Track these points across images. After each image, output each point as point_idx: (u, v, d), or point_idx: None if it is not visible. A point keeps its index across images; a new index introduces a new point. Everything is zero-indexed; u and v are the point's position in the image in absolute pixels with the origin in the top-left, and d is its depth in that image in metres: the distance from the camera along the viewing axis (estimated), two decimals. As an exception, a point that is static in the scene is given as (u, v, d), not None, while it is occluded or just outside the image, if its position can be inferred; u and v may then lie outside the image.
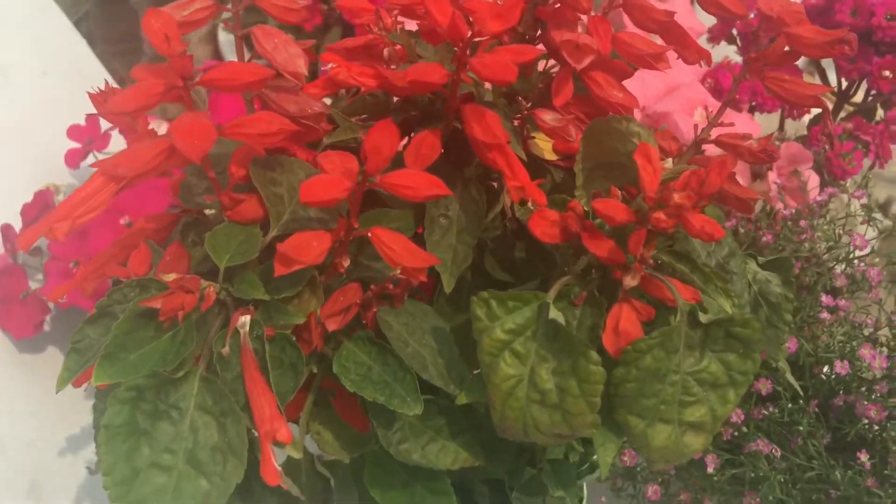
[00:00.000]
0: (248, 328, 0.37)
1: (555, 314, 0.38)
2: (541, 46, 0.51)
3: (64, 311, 0.86)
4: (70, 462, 0.83)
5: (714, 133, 0.46)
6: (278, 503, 0.44)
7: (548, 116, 0.45)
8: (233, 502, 0.44)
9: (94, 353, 0.38)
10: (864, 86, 0.86)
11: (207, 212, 0.47)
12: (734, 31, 0.88)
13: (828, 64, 0.88)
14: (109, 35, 1.73)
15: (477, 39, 0.43)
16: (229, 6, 0.43)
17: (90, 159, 0.96)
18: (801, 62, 0.87)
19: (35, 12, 1.09)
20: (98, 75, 1.12)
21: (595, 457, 0.66)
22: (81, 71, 1.09)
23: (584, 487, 0.65)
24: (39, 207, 0.85)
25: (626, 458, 0.66)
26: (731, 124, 0.46)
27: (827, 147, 0.45)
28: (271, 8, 0.44)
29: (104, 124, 0.92)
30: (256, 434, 0.38)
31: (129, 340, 0.37)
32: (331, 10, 1.10)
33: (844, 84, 0.85)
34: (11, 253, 0.85)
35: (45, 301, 0.82)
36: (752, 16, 0.49)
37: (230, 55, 1.09)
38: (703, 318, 0.38)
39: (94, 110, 0.92)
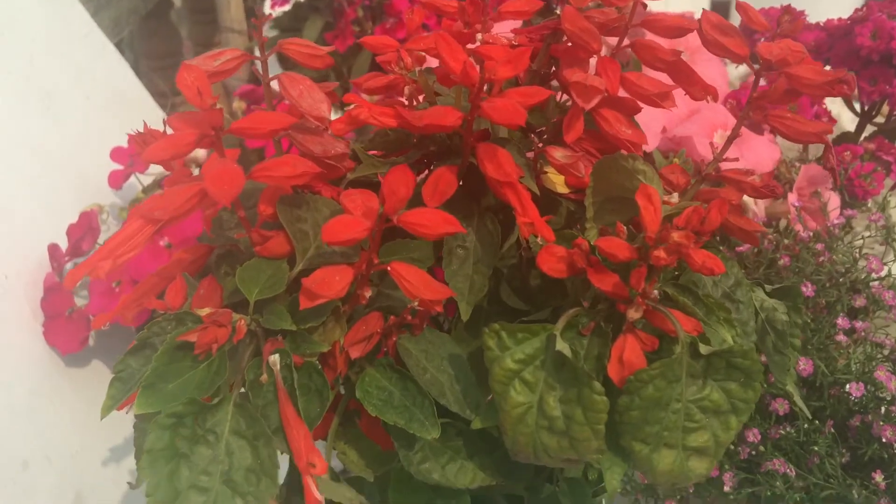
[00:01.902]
0: (279, 365, 0.40)
1: (561, 346, 0.40)
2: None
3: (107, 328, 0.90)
4: (113, 472, 0.87)
5: (722, 164, 0.48)
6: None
7: (558, 153, 0.48)
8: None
9: (136, 381, 0.42)
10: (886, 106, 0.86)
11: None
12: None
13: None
14: (151, 51, 1.78)
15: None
16: (258, 55, 0.45)
17: (132, 180, 1.00)
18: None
19: (78, 37, 1.14)
20: (139, 98, 1.17)
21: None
22: (123, 94, 1.13)
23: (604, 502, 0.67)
24: (84, 228, 0.89)
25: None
26: (736, 159, 0.48)
27: (837, 172, 0.46)
28: (297, 55, 0.47)
29: (145, 147, 0.96)
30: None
31: (167, 371, 0.40)
32: (362, 31, 1.13)
33: (867, 105, 0.86)
34: (58, 272, 0.89)
35: (89, 318, 0.86)
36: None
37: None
38: (703, 349, 0.40)
39: (134, 132, 0.96)
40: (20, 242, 0.89)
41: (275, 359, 0.40)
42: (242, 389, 0.43)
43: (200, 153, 0.93)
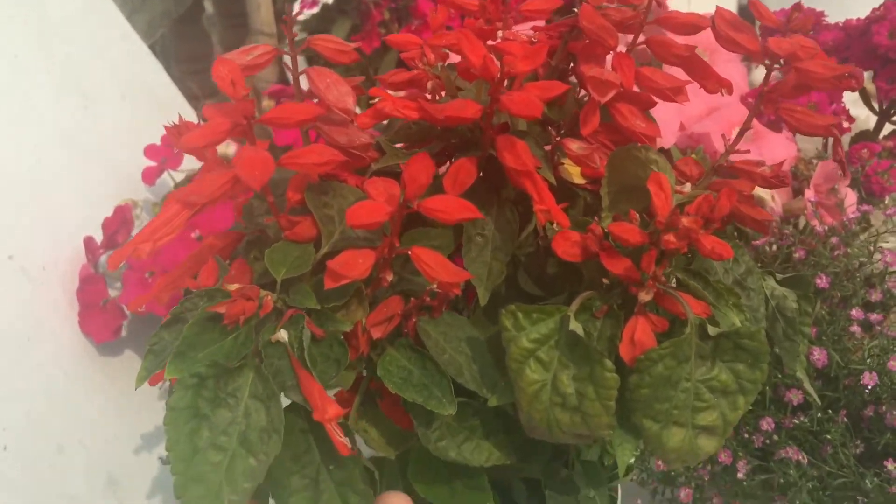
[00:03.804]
0: (287, 339, 0.42)
1: (574, 325, 0.42)
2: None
3: (140, 318, 0.93)
4: (145, 458, 0.90)
5: (735, 156, 0.50)
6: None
7: (574, 145, 0.49)
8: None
9: (169, 354, 0.44)
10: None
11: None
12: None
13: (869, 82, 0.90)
14: (182, 55, 1.82)
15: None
16: (288, 50, 0.48)
17: (165, 176, 1.03)
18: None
19: (114, 39, 1.17)
20: (171, 98, 1.20)
21: (631, 460, 0.70)
22: (157, 94, 1.16)
23: (619, 489, 0.68)
24: (119, 221, 0.92)
25: (660, 463, 0.69)
26: (748, 151, 0.50)
27: (846, 164, 0.47)
28: (325, 50, 0.49)
29: (177, 144, 0.99)
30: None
31: (197, 341, 0.42)
32: (388, 34, 1.15)
33: (885, 103, 0.87)
34: (93, 263, 0.92)
35: (122, 308, 0.89)
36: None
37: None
38: (711, 330, 0.42)
39: (170, 125, 1.00)
40: (57, 235, 0.93)
41: (282, 334, 0.42)
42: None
43: (230, 150, 0.96)
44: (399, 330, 0.49)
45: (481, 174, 0.53)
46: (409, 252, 0.45)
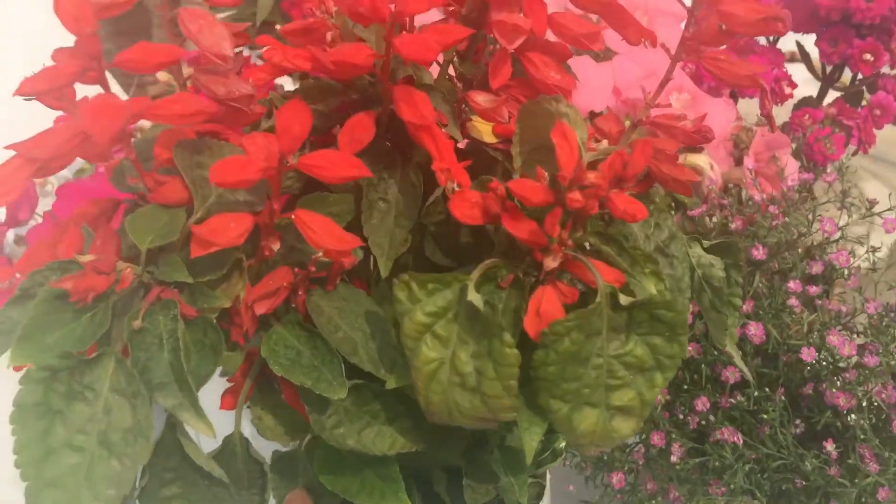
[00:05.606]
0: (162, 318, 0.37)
1: (473, 296, 0.38)
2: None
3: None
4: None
5: (653, 113, 0.46)
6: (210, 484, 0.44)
7: (480, 98, 0.45)
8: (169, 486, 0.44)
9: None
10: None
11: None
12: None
13: (813, 49, 0.86)
14: (116, 30, 1.74)
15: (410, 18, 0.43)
16: (156, -10, 0.43)
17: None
18: (785, 48, 0.86)
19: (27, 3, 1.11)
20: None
21: (562, 444, 0.66)
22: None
23: (548, 475, 0.64)
24: (21, 197, 0.86)
25: (590, 447, 0.65)
26: (669, 105, 0.45)
27: (773, 118, 0.43)
28: (201, -9, 0.44)
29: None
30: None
31: (46, 322, 0.37)
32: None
33: (829, 69, 0.84)
34: (-5, 243, 0.86)
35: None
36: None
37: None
38: (623, 300, 0.38)
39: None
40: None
41: (139, 322, 0.37)
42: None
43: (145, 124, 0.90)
44: (289, 305, 0.44)
45: (388, 136, 0.48)
46: (293, 216, 0.40)
